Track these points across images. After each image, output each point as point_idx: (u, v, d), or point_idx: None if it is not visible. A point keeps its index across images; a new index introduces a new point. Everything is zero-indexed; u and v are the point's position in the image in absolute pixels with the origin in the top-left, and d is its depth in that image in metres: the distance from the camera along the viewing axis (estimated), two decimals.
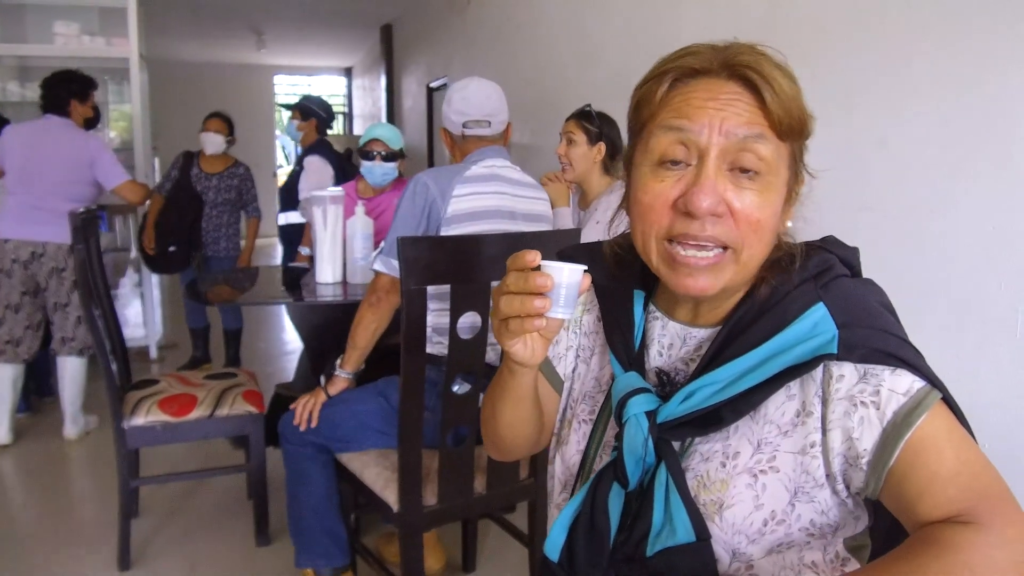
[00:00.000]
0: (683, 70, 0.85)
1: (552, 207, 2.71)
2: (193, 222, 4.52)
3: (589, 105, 2.77)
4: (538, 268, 0.81)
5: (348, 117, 13.68)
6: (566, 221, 2.68)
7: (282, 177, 9.45)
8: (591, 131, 2.71)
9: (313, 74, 13.90)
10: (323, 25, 9.56)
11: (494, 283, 1.77)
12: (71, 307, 3.63)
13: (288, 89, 14.09)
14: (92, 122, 3.92)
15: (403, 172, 3.35)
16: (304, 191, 4.00)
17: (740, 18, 2.68)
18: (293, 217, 4.22)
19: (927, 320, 1.98)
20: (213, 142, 4.56)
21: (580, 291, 0.83)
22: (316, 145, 4.18)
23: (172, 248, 4.49)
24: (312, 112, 4.24)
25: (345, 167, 4.20)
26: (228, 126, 4.61)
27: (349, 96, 13.62)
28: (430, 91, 7.64)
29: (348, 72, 13.52)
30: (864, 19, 2.16)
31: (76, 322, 3.63)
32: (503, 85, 2.31)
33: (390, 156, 3.19)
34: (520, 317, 0.81)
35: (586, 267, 0.83)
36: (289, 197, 4.27)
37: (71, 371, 3.63)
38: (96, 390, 3.86)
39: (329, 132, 4.61)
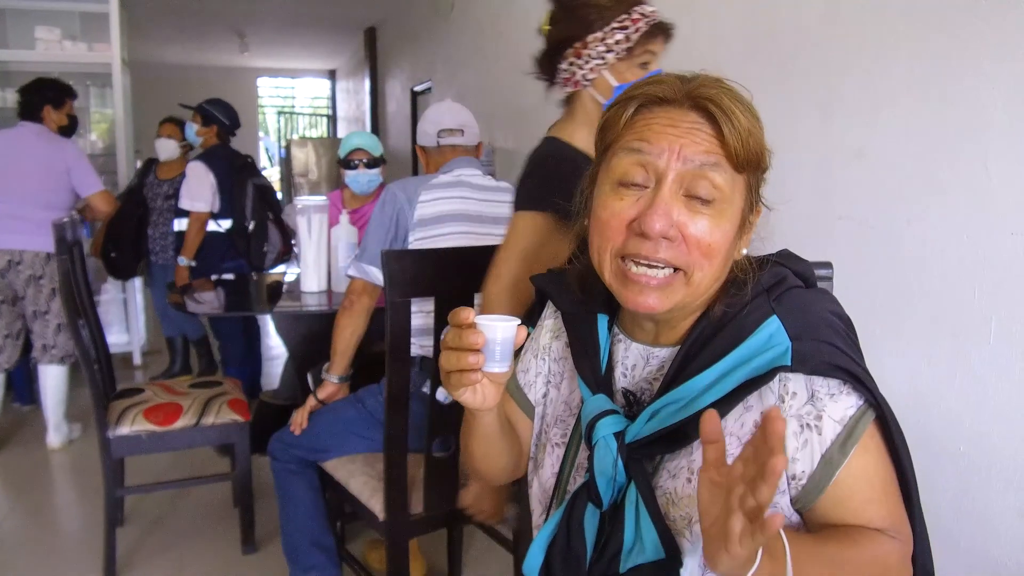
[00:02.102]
0: (648, 97, 0.89)
1: None
2: (137, 229, 4.38)
3: None
4: (474, 324, 0.84)
5: (332, 120, 13.66)
6: None
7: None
8: None
9: (297, 77, 13.87)
10: (306, 28, 9.54)
11: (477, 295, 1.80)
12: (51, 315, 3.61)
13: (272, 92, 14.06)
14: (67, 131, 3.87)
15: (384, 179, 3.36)
16: (182, 198, 3.92)
17: (719, 29, 2.71)
18: (182, 224, 4.09)
19: (903, 328, 2.02)
20: (165, 148, 4.41)
21: (516, 344, 0.86)
22: (206, 152, 4.05)
23: (113, 254, 4.41)
24: (213, 118, 4.09)
25: (235, 177, 4.00)
26: (183, 131, 4.41)
27: (333, 99, 13.60)
28: (414, 95, 7.65)
29: (332, 75, 13.49)
30: (841, 30, 2.19)
31: (56, 330, 3.61)
32: (486, 90, 2.35)
33: (372, 163, 3.21)
34: (459, 371, 0.85)
35: (520, 321, 0.86)
36: (177, 204, 4.14)
37: (53, 379, 3.62)
38: (79, 397, 3.86)
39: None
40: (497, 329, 0.85)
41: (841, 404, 0.85)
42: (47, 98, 3.73)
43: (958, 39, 1.86)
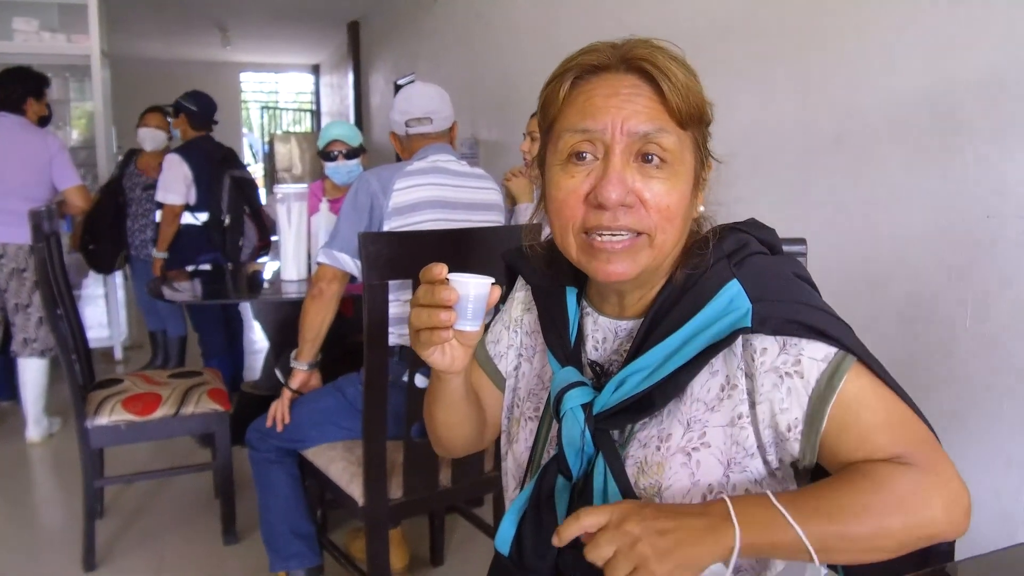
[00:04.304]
0: (583, 67, 0.88)
1: (516, 203, 2.74)
2: (115, 221, 4.33)
3: None
4: (447, 281, 0.82)
5: (316, 115, 13.60)
6: (529, 216, 2.70)
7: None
8: None
9: (280, 71, 13.80)
10: (289, 22, 9.49)
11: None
12: (32, 308, 3.58)
13: (255, 86, 13.98)
14: (45, 120, 3.84)
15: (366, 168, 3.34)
16: (158, 191, 3.89)
17: (700, 17, 2.71)
18: (159, 217, 4.04)
19: (880, 312, 2.03)
20: (153, 139, 4.36)
21: (489, 304, 0.84)
22: (184, 145, 4.00)
23: (91, 247, 4.36)
24: (181, 107, 4.03)
25: (215, 169, 3.96)
26: (169, 120, 4.36)
27: (317, 94, 13.54)
28: (398, 88, 7.63)
29: (315, 69, 13.44)
30: (819, 15, 2.20)
31: (38, 323, 3.58)
32: (471, 82, 2.34)
33: (351, 153, 3.20)
34: (429, 329, 0.83)
35: (494, 280, 0.84)
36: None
37: (32, 373, 3.59)
38: (59, 392, 3.82)
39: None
40: (470, 286, 0.82)
41: (822, 345, 0.83)
42: (29, 89, 3.69)
43: (936, 25, 1.88)
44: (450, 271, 0.82)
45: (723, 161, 0.94)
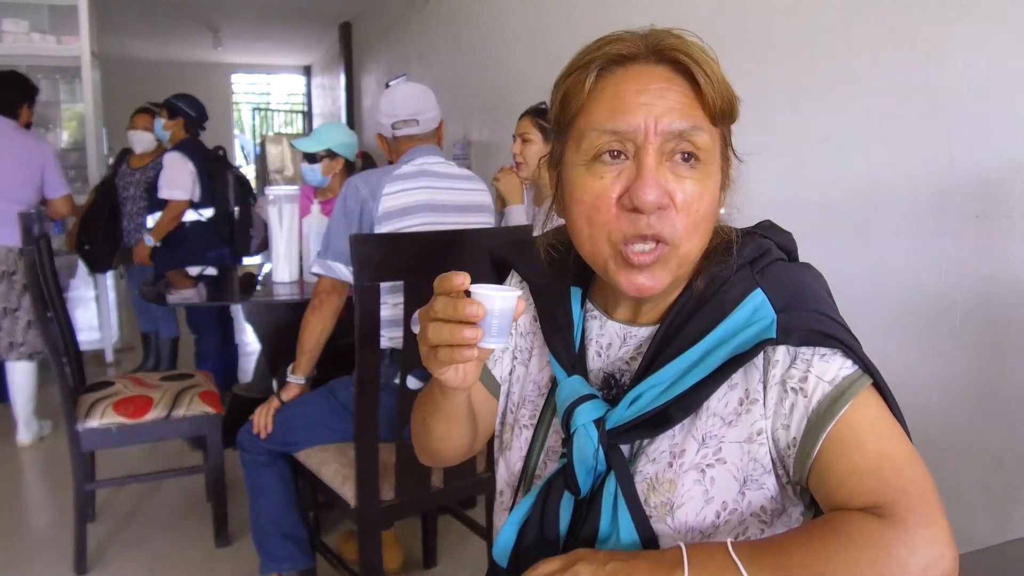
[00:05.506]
0: (609, 58, 0.81)
1: (506, 204, 2.73)
2: (109, 220, 4.31)
3: (544, 103, 2.79)
4: (468, 293, 0.75)
5: (307, 117, 13.57)
6: (520, 218, 2.70)
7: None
8: (547, 128, 2.73)
9: (272, 72, 13.76)
10: (281, 23, 9.46)
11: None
12: (21, 312, 3.57)
13: (247, 88, 13.94)
14: (29, 127, 3.85)
15: (357, 167, 3.28)
16: (161, 188, 3.88)
17: (690, 15, 2.72)
18: (155, 219, 4.02)
19: (870, 311, 2.04)
20: (141, 140, 4.36)
21: (514, 317, 0.77)
22: (181, 143, 4.00)
23: (87, 246, 4.35)
24: (179, 111, 4.04)
25: (211, 169, 3.99)
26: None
27: (308, 95, 13.51)
28: None
29: (307, 71, 13.40)
30: (808, 17, 2.21)
31: (26, 326, 3.57)
32: (462, 82, 2.33)
33: (311, 158, 3.06)
34: (450, 347, 0.76)
35: (520, 293, 0.77)
36: (151, 197, 4.06)
37: (21, 376, 3.57)
38: (50, 394, 3.81)
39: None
40: (495, 299, 0.75)
41: (834, 364, 0.78)
42: (24, 96, 3.70)
43: (922, 25, 1.88)
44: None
45: (744, 160, 0.89)
